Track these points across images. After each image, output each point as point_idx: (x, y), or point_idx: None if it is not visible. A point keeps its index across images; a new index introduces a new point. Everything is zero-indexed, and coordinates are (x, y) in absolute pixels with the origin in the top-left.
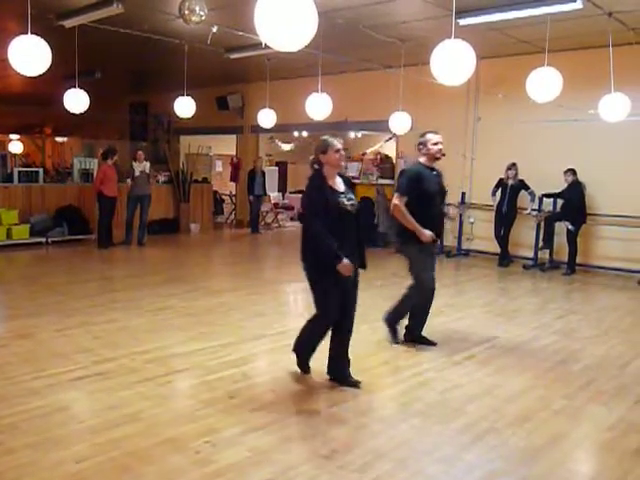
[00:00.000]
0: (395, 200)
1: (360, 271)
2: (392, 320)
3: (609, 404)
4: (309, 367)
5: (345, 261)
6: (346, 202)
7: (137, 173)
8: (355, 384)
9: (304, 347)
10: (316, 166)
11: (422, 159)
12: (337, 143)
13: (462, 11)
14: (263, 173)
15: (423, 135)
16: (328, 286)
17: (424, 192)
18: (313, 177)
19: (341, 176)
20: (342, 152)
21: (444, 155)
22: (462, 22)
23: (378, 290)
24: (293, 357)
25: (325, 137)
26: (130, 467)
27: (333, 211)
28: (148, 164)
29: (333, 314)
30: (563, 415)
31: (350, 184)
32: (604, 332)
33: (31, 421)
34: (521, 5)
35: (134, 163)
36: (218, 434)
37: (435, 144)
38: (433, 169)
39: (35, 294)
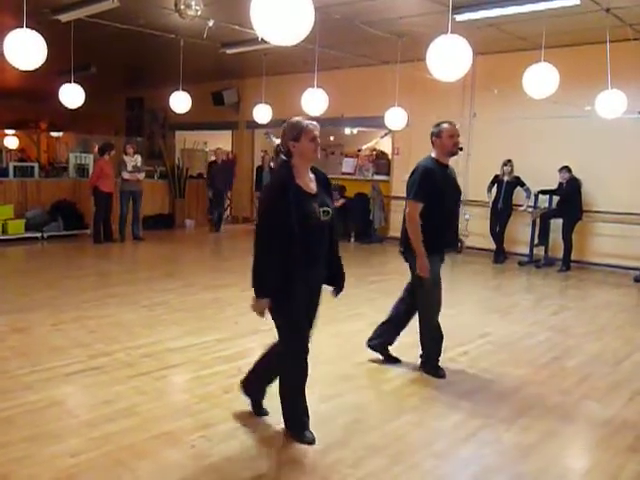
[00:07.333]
0: (411, 209)
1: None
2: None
3: (603, 400)
4: None
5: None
6: (318, 209)
7: (130, 168)
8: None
9: None
10: (283, 157)
11: (434, 154)
12: (314, 127)
13: (459, 7)
14: (271, 169)
15: (437, 125)
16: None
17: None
18: (279, 172)
19: (315, 172)
20: (318, 140)
21: (461, 150)
22: (459, 18)
23: (375, 285)
24: None
25: (298, 119)
26: (125, 461)
27: (299, 221)
28: (139, 157)
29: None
30: (557, 411)
31: (327, 182)
32: (599, 329)
33: (26, 415)
34: (519, 0)
35: (125, 157)
36: (213, 428)
37: (451, 137)
38: (447, 166)
39: (30, 289)
